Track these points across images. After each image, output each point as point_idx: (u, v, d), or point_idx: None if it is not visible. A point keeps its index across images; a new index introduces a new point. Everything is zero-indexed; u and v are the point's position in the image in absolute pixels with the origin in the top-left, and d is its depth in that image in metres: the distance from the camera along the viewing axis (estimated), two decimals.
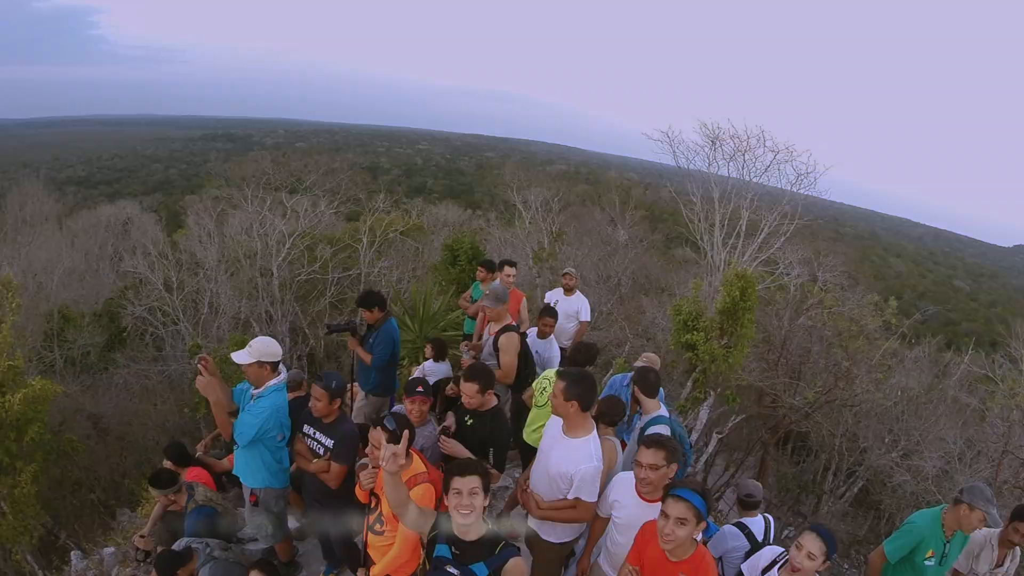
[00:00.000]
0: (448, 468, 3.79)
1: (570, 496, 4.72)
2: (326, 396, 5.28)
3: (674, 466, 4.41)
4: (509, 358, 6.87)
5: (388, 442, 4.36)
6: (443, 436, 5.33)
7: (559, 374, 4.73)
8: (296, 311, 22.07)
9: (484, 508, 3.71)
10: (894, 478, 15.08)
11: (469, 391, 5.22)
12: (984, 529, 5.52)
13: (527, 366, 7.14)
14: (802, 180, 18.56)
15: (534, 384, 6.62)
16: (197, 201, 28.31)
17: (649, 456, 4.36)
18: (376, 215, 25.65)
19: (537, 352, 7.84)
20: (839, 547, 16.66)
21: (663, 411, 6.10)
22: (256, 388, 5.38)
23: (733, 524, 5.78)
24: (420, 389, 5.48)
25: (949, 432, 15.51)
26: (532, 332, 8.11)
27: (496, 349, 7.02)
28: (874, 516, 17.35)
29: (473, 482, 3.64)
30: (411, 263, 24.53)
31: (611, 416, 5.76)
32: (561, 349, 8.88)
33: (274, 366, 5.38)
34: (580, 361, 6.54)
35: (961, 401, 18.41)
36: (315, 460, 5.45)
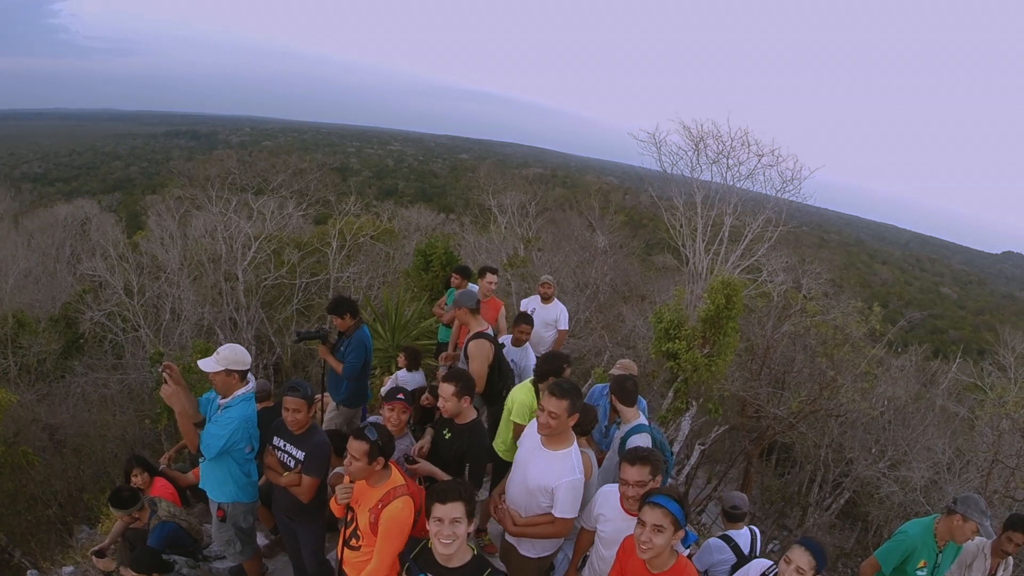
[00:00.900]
0: (429, 492, 3.76)
1: (554, 511, 4.73)
2: (305, 406, 5.25)
3: (659, 479, 4.45)
4: (478, 365, 6.86)
5: (369, 453, 4.39)
6: (408, 462, 5.28)
7: (559, 390, 4.68)
8: (262, 318, 21.93)
9: (469, 533, 3.68)
10: (881, 489, 15.24)
11: (445, 392, 5.22)
12: (977, 539, 5.61)
13: (502, 377, 7.14)
14: (787, 186, 18.69)
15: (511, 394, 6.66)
16: (159, 201, 28.18)
17: (635, 473, 4.39)
18: (346, 218, 25.56)
19: (513, 361, 7.86)
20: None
21: (642, 420, 6.11)
22: (223, 398, 5.36)
23: (718, 537, 5.83)
24: (401, 396, 5.51)
25: (937, 442, 15.69)
26: (507, 340, 8.14)
27: (467, 357, 7.05)
28: (861, 528, 17.50)
29: (456, 511, 3.59)
30: (382, 268, 24.42)
31: (583, 426, 5.70)
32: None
33: (242, 375, 5.37)
34: (548, 371, 6.55)
35: (949, 410, 18.64)
36: (285, 473, 5.39)
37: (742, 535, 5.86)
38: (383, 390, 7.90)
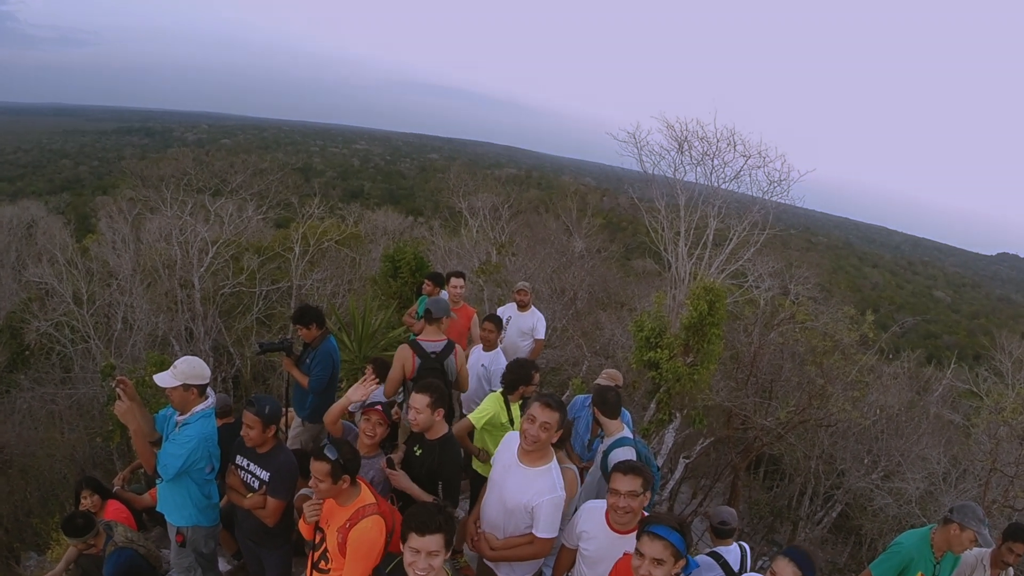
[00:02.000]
0: (406, 518, 3.74)
1: (534, 531, 4.73)
2: (259, 423, 5.19)
3: (649, 493, 4.46)
4: (392, 370, 6.91)
5: (331, 473, 4.39)
6: (388, 468, 5.31)
7: (553, 402, 4.69)
8: (220, 328, 21.75)
9: (445, 559, 3.67)
10: (875, 501, 15.33)
11: (419, 404, 5.19)
12: (975, 549, 5.67)
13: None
14: (775, 188, 18.78)
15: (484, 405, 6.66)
16: (110, 203, 27.91)
17: (627, 483, 4.37)
18: (309, 222, 25.43)
19: (484, 366, 7.90)
20: None
21: (626, 433, 6.14)
22: (181, 414, 5.31)
23: (707, 554, 5.84)
24: (379, 406, 5.51)
25: (932, 451, 15.81)
26: (479, 346, 8.18)
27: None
28: (855, 542, 17.60)
29: (433, 543, 3.56)
30: (347, 275, 24.35)
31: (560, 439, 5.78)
32: None
33: (201, 390, 5.32)
34: (516, 380, 6.54)
35: (944, 418, 18.81)
36: (249, 495, 5.35)
37: (731, 551, 5.89)
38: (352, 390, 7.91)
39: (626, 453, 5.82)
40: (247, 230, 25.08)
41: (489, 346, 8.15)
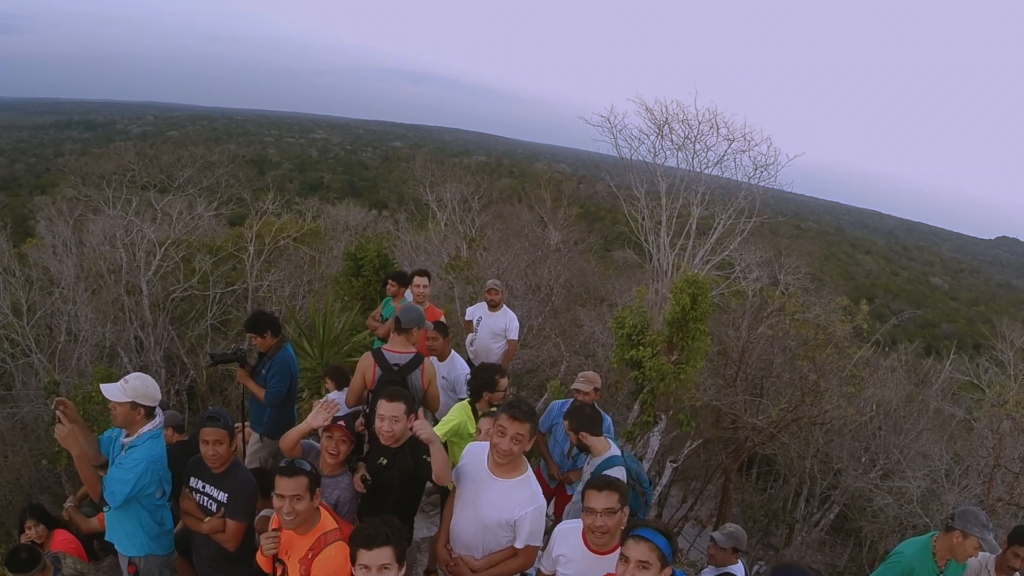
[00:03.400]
0: (352, 538, 3.72)
1: (518, 545, 4.73)
2: (227, 436, 5.16)
3: (627, 509, 4.42)
4: (354, 378, 6.83)
5: (310, 487, 4.32)
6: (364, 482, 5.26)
7: (520, 413, 4.62)
8: (172, 336, 21.45)
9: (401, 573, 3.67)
10: (874, 501, 15.41)
11: (395, 411, 5.13)
12: (980, 554, 5.67)
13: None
14: (761, 172, 18.82)
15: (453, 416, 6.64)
16: (49, 203, 27.44)
17: (603, 500, 4.31)
18: (264, 218, 25.09)
19: (444, 377, 7.85)
20: None
21: (614, 450, 6.13)
22: (127, 435, 5.23)
23: (726, 574, 5.91)
24: (342, 423, 5.42)
25: (933, 447, 15.93)
26: (432, 359, 8.11)
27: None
28: (854, 544, 17.72)
29: (383, 556, 3.59)
30: (307, 275, 24.14)
31: None
32: None
33: (149, 411, 5.24)
34: (481, 386, 6.50)
35: (945, 412, 18.94)
36: (207, 519, 5.28)
37: (738, 569, 6.01)
38: (311, 415, 7.82)
39: (618, 473, 5.75)
40: (198, 229, 24.73)
41: (439, 355, 8.08)
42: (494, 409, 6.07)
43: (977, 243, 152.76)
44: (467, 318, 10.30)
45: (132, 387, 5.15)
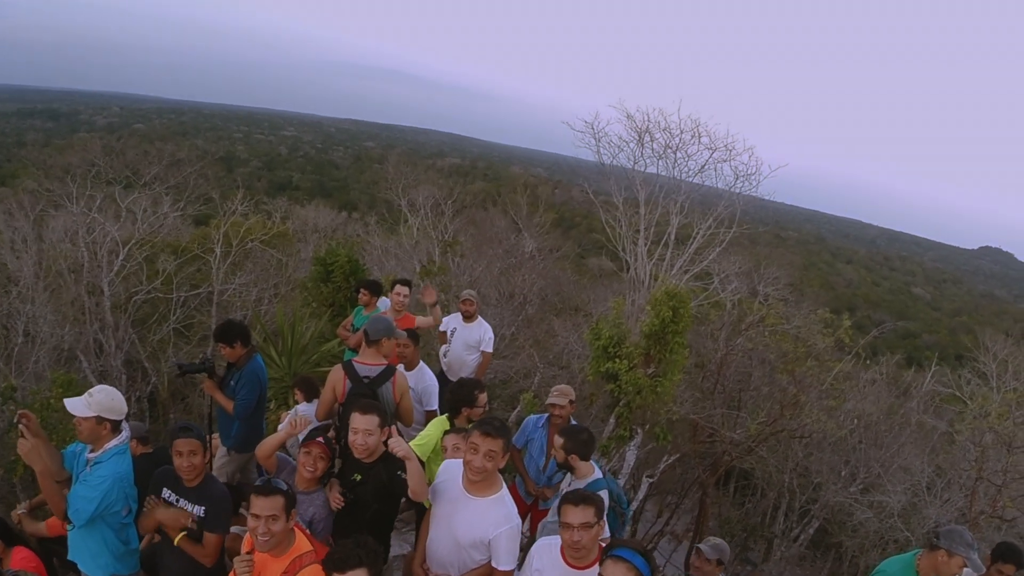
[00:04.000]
0: (325, 562, 3.74)
1: (495, 565, 4.75)
2: (202, 448, 5.16)
3: (603, 523, 4.48)
4: (323, 392, 6.83)
5: (286, 507, 4.32)
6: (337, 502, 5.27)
7: (492, 430, 4.67)
8: (133, 339, 21.23)
9: None
10: (854, 516, 15.52)
11: (368, 424, 5.16)
12: (964, 571, 5.74)
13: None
14: (742, 182, 18.92)
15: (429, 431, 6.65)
16: (9, 196, 27.08)
17: (579, 515, 4.37)
18: (231, 219, 24.94)
19: (411, 388, 7.81)
20: None
21: (598, 474, 6.18)
22: (92, 450, 5.17)
23: None
24: (321, 439, 5.41)
25: (914, 460, 16.08)
26: (400, 366, 8.12)
27: None
28: (835, 558, 17.83)
29: None
30: (274, 279, 24.02)
31: None
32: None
33: (115, 425, 5.20)
34: (459, 400, 6.54)
35: (926, 425, 19.13)
36: (181, 534, 5.19)
37: None
38: (280, 426, 7.79)
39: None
40: (163, 228, 24.45)
41: (409, 364, 8.11)
42: (469, 426, 6.09)
43: (960, 253, 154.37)
44: (441, 329, 10.29)
45: (97, 401, 5.09)
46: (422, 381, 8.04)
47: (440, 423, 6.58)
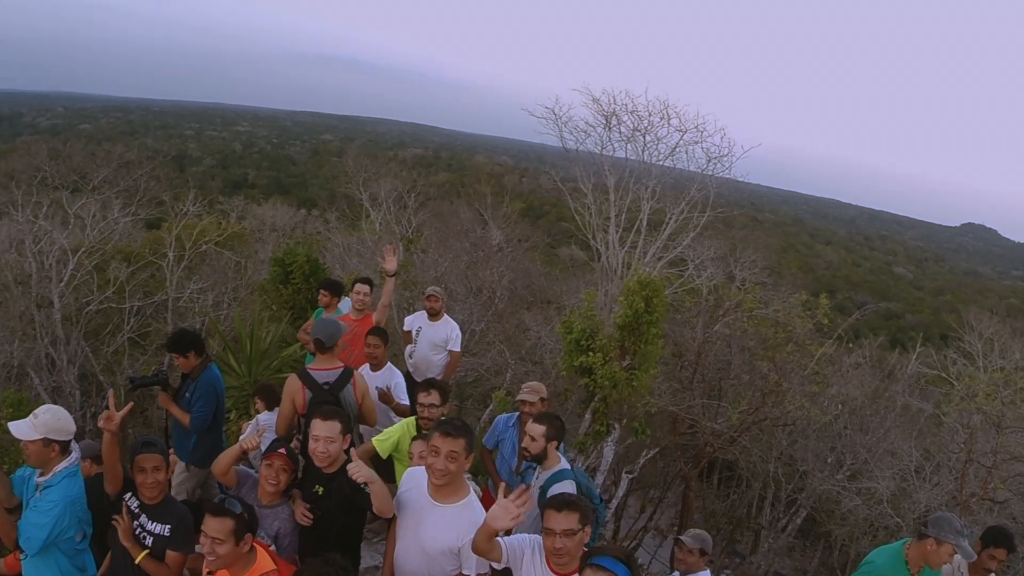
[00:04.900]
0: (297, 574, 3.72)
1: (464, 571, 4.71)
2: (164, 463, 5.13)
3: (588, 529, 4.40)
4: (283, 403, 6.72)
5: (235, 531, 4.27)
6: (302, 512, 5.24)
7: (452, 429, 4.61)
8: (87, 352, 21.02)
9: None
10: (842, 503, 15.65)
11: (330, 432, 5.12)
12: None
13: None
14: (714, 164, 18.93)
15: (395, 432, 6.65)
16: None
17: (562, 521, 4.28)
18: (184, 221, 24.73)
19: (378, 388, 7.81)
20: None
21: (564, 464, 6.20)
22: (41, 474, 5.09)
23: None
24: (283, 450, 5.34)
25: (902, 444, 16.21)
26: (366, 367, 8.14)
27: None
28: (824, 547, 17.96)
29: None
30: (232, 282, 23.84)
31: None
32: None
33: (64, 446, 5.10)
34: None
35: (912, 408, 19.28)
36: (143, 552, 5.09)
37: (706, 574, 6.08)
38: (243, 437, 7.71)
39: (567, 487, 5.87)
40: (113, 234, 24.22)
41: (377, 364, 8.11)
42: (426, 432, 6.07)
43: (942, 230, 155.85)
44: (406, 328, 10.23)
45: (43, 422, 5.00)
46: (390, 381, 8.00)
47: (407, 422, 6.57)
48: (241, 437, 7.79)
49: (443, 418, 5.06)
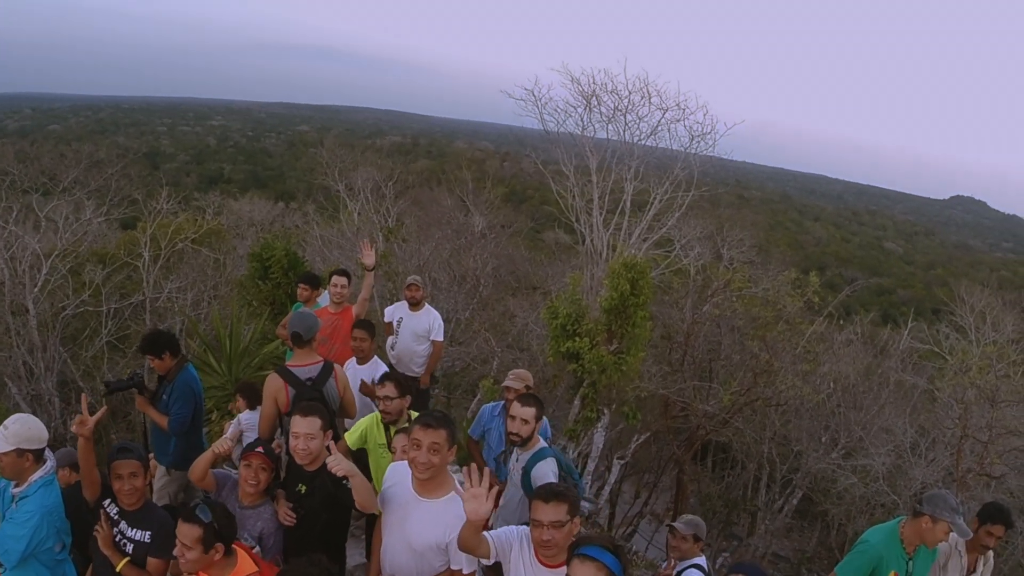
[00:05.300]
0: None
1: (453, 566, 4.67)
2: (142, 468, 5.08)
3: (577, 520, 4.34)
4: (265, 405, 6.66)
5: (203, 539, 4.24)
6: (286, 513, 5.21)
7: (433, 420, 4.57)
8: (65, 359, 20.90)
9: None
10: (838, 482, 15.69)
11: (310, 428, 5.08)
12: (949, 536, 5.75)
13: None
14: (698, 142, 18.89)
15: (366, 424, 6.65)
16: None
17: (550, 512, 4.22)
18: (159, 219, 24.58)
19: (362, 381, 7.81)
20: (787, 568, 17.33)
21: (543, 442, 6.19)
22: (16, 485, 5.05)
23: (693, 567, 5.99)
24: (260, 449, 5.29)
25: (896, 421, 16.29)
26: (352, 361, 8.12)
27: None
28: (822, 527, 18.01)
29: None
30: (211, 280, 23.71)
31: None
32: (411, 378, 8.84)
33: (38, 455, 5.04)
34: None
35: (906, 384, 19.34)
36: (124, 560, 5.08)
37: (702, 560, 6.09)
38: (229, 432, 7.65)
39: (548, 465, 5.88)
40: (87, 236, 24.04)
41: (363, 357, 8.09)
42: (406, 426, 6.03)
43: (931, 204, 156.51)
44: (386, 319, 10.19)
45: (14, 432, 4.95)
46: (377, 374, 7.81)
47: (374, 414, 6.60)
48: (227, 433, 7.75)
49: (429, 411, 4.99)
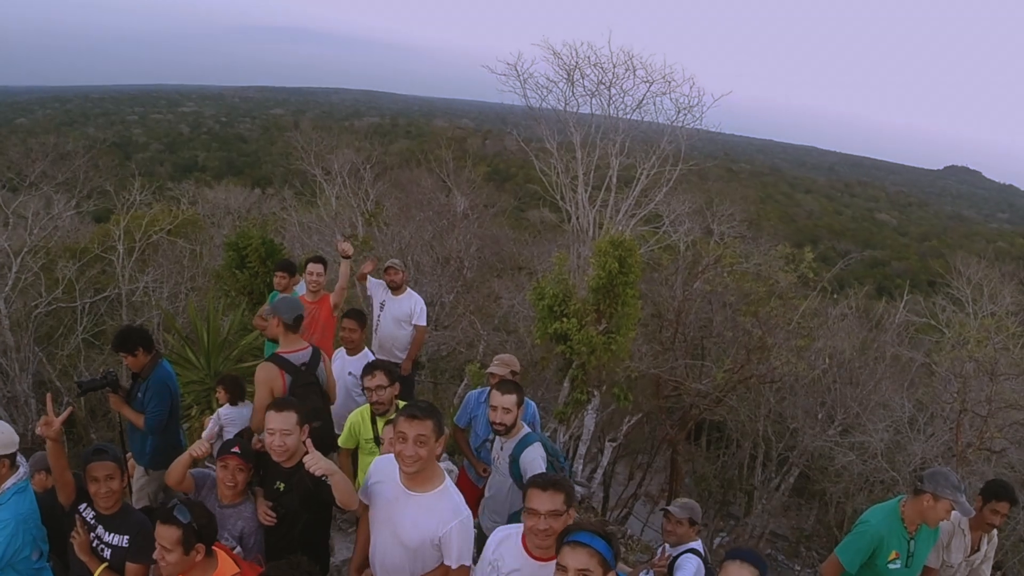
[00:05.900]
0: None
1: (448, 563, 4.60)
2: (118, 470, 5.04)
3: (573, 511, 4.29)
4: (260, 392, 6.59)
5: (182, 541, 4.19)
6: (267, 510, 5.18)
7: (419, 411, 4.49)
8: (40, 358, 20.79)
9: None
10: (836, 460, 15.71)
11: (285, 424, 5.05)
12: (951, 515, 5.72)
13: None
14: (684, 115, 18.85)
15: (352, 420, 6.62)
16: None
17: (547, 501, 4.19)
18: (132, 211, 24.53)
19: (351, 374, 7.79)
20: (786, 547, 17.40)
21: (526, 428, 6.18)
22: None
23: (689, 552, 6.00)
24: (236, 450, 5.23)
25: (894, 396, 16.29)
26: (341, 351, 8.08)
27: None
28: (820, 505, 18.06)
29: None
30: (187, 271, 23.61)
31: None
32: (395, 364, 8.79)
33: (11, 460, 5.01)
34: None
35: (903, 358, 19.36)
36: (102, 566, 5.06)
37: (698, 544, 6.09)
38: (206, 433, 7.58)
39: (535, 451, 5.89)
40: (58, 231, 23.94)
41: (353, 348, 8.04)
42: (391, 417, 5.99)
43: (924, 174, 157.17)
44: (369, 292, 10.14)
45: None
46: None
47: (360, 409, 6.60)
48: (204, 433, 7.69)
49: (413, 402, 4.93)
